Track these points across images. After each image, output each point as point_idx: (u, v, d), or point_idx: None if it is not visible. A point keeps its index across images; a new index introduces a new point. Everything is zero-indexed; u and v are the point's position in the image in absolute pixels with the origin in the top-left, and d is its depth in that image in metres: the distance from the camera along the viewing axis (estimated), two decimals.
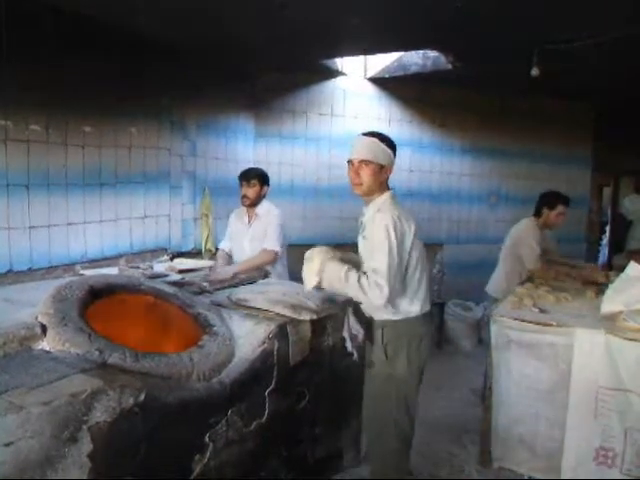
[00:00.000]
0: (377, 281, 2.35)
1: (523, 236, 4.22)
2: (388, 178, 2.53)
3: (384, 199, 2.49)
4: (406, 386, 2.54)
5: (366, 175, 2.43)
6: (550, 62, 3.92)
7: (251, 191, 3.75)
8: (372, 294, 2.37)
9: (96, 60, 3.54)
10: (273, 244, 3.72)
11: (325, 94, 5.49)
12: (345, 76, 5.50)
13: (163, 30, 3.71)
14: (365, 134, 2.54)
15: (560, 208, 4.25)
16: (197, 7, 3.25)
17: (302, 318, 2.64)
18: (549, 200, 4.27)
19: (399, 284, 2.42)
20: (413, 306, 2.53)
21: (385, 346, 2.52)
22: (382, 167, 2.44)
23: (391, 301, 2.40)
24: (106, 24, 3.49)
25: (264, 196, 3.85)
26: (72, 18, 3.29)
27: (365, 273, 2.43)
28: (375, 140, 2.45)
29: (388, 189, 2.55)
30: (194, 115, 4.55)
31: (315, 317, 2.68)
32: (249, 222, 3.84)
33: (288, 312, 2.65)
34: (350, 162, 2.50)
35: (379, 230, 2.35)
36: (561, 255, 4.58)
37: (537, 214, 4.32)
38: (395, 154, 2.52)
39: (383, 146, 2.45)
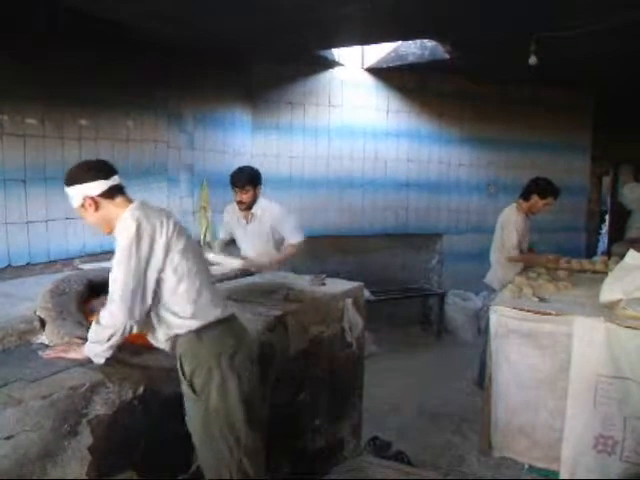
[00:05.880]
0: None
1: (505, 223, 4.20)
2: (106, 200, 2.01)
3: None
4: (230, 421, 1.92)
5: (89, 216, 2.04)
6: (549, 50, 3.89)
7: (246, 197, 3.66)
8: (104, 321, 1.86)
9: (92, 54, 3.51)
10: (296, 237, 3.71)
11: (323, 85, 5.45)
12: (342, 67, 5.46)
13: (159, 24, 3.68)
14: None
15: (550, 199, 4.18)
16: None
17: (300, 308, 2.65)
18: (542, 188, 4.18)
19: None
20: (199, 312, 1.94)
21: (190, 379, 1.90)
22: (85, 200, 2.00)
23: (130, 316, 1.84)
24: (102, 19, 3.46)
25: (258, 195, 3.78)
26: (68, 13, 3.26)
27: None
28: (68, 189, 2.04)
29: (128, 203, 2.04)
30: (191, 108, 4.52)
31: (315, 307, 2.69)
32: (247, 222, 3.79)
33: (286, 303, 2.66)
34: None
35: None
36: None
37: (525, 198, 4.24)
38: (95, 177, 2.01)
39: (74, 187, 2.00)
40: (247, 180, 3.65)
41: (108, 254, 3.76)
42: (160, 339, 1.96)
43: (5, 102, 3.04)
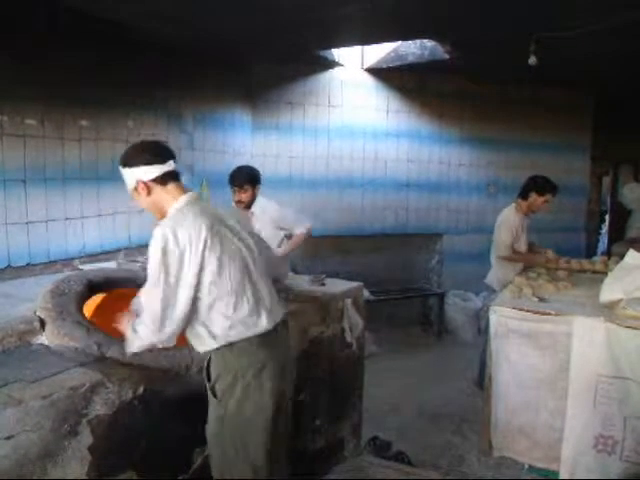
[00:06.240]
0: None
1: (502, 222, 4.20)
2: (159, 186, 1.98)
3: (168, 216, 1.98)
4: (243, 430, 1.91)
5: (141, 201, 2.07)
6: (549, 50, 3.89)
7: (244, 196, 3.68)
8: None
9: (92, 54, 3.51)
10: (301, 225, 3.75)
11: (322, 85, 5.45)
12: (342, 67, 5.46)
13: (159, 24, 3.68)
14: None
15: (548, 196, 4.17)
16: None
17: (300, 309, 2.64)
18: (540, 185, 4.17)
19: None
20: (235, 328, 1.90)
21: (213, 384, 1.92)
22: (137, 183, 2.00)
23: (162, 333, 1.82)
24: (102, 19, 3.46)
25: (257, 194, 3.80)
26: (68, 13, 3.26)
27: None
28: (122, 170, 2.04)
29: (180, 192, 1.99)
30: (191, 108, 4.52)
31: (314, 307, 2.69)
32: None
33: (286, 303, 2.65)
34: None
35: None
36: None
37: (524, 197, 4.24)
38: (150, 161, 1.97)
39: (128, 170, 2.00)
40: (246, 179, 3.67)
41: (108, 254, 3.78)
42: (198, 348, 1.96)
43: (5, 102, 3.04)
